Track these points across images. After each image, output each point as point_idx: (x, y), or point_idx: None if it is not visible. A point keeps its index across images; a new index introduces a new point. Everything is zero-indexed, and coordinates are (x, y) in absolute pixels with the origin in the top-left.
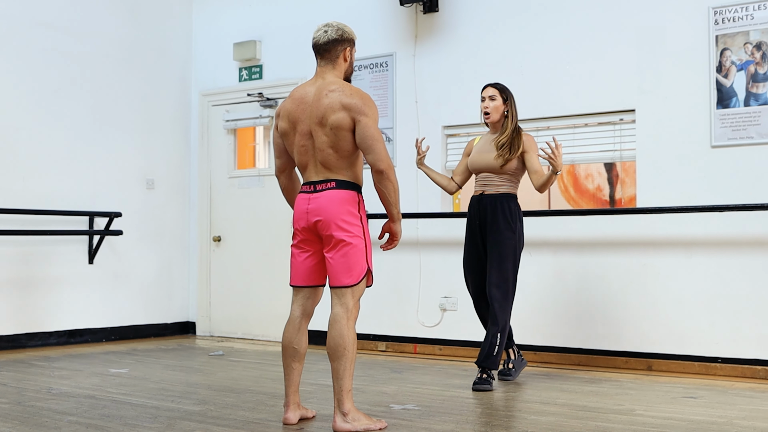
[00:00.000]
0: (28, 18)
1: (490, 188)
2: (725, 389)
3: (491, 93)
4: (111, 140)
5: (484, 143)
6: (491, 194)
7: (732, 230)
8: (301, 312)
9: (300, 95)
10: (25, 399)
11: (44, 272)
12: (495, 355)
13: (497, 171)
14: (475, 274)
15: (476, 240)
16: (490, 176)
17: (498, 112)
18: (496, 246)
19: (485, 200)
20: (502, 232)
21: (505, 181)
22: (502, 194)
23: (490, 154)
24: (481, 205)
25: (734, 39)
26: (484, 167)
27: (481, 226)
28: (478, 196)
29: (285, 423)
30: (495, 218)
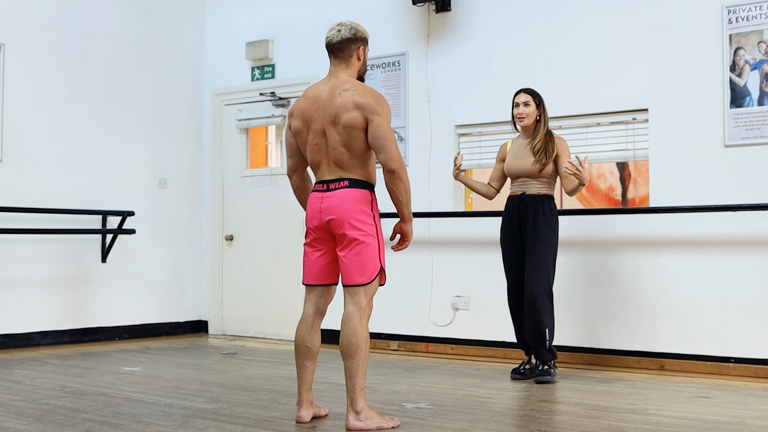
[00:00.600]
0: (41, 19)
1: (530, 189)
2: (738, 389)
3: (525, 99)
4: (124, 140)
5: (517, 148)
6: (532, 194)
7: (745, 230)
8: (313, 311)
9: (313, 94)
10: (39, 397)
11: (57, 271)
12: (548, 349)
13: (535, 176)
14: (514, 269)
15: (515, 238)
16: (528, 180)
17: (531, 118)
18: (537, 244)
19: (526, 200)
20: (543, 231)
21: (543, 184)
22: (542, 195)
23: (527, 160)
24: (522, 204)
25: (748, 38)
26: (522, 173)
27: (522, 224)
28: (518, 195)
29: (298, 421)
30: (536, 218)
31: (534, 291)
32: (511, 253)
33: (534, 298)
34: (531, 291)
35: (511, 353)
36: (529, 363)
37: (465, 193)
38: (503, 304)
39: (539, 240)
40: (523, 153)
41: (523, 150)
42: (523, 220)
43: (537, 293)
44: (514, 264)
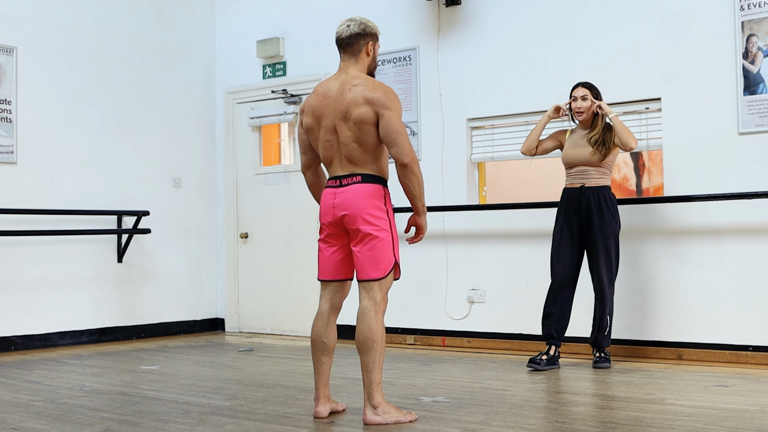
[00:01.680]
0: (53, 21)
1: (589, 181)
2: (757, 377)
3: (583, 93)
4: (137, 140)
5: (576, 138)
6: (592, 187)
7: (761, 217)
8: (329, 306)
9: (324, 90)
10: (58, 397)
11: (74, 271)
12: (607, 335)
13: (595, 165)
14: (566, 261)
15: (573, 230)
16: (588, 170)
17: (590, 111)
18: (603, 236)
19: (588, 192)
20: (608, 223)
21: (601, 174)
22: (602, 186)
23: (586, 150)
24: (583, 197)
25: (760, 24)
26: (581, 162)
27: (584, 217)
28: (578, 188)
29: (316, 416)
30: (600, 210)
31: (603, 282)
32: (566, 244)
33: (603, 289)
34: (600, 282)
35: (527, 345)
36: (547, 354)
37: (479, 186)
38: (519, 296)
39: (606, 233)
40: (581, 143)
41: (581, 140)
42: (586, 213)
43: (606, 284)
44: (567, 255)
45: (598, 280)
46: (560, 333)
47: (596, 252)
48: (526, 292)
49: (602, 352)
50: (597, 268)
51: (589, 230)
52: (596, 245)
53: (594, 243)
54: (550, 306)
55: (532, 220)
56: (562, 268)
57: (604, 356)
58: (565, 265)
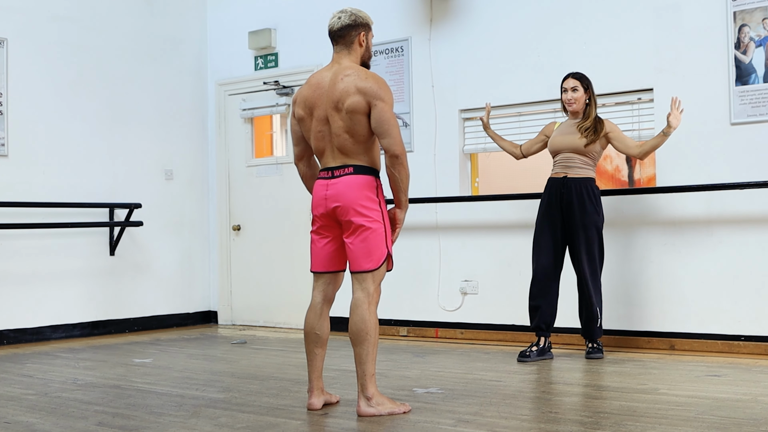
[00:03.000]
0: (44, 12)
1: (572, 171)
2: (749, 367)
3: (573, 84)
4: (129, 132)
5: (565, 127)
6: (575, 177)
7: (753, 207)
8: (322, 298)
9: (316, 81)
10: (52, 390)
11: (66, 264)
12: (598, 327)
13: (580, 151)
14: (547, 252)
15: (554, 221)
16: (572, 158)
17: (581, 102)
18: (584, 229)
19: (570, 183)
20: (590, 215)
21: (585, 164)
22: (585, 178)
23: (574, 136)
24: (565, 188)
25: (752, 15)
26: (566, 148)
27: (565, 208)
28: (561, 178)
29: (309, 408)
30: (582, 201)
31: (585, 275)
32: (548, 236)
33: (587, 282)
34: (583, 275)
35: (520, 336)
36: (537, 345)
37: (471, 178)
38: (511, 288)
39: (587, 225)
40: (570, 130)
41: (570, 128)
42: (567, 205)
43: (588, 277)
44: (549, 247)
45: (579, 273)
46: (549, 324)
47: (577, 245)
48: (518, 283)
49: (594, 342)
50: (578, 261)
51: (570, 222)
52: (577, 238)
53: (575, 235)
54: (537, 299)
55: (524, 211)
56: (545, 260)
57: (597, 347)
58: (548, 257)
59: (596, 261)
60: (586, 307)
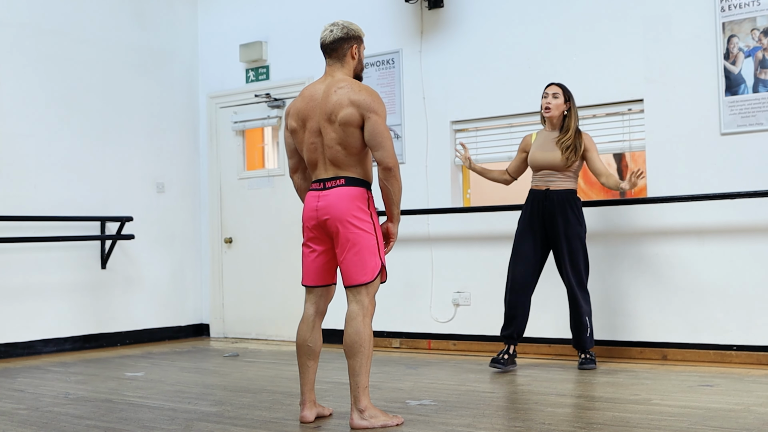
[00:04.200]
0: (35, 25)
1: (554, 183)
2: (741, 377)
3: (554, 91)
4: (120, 145)
5: (543, 141)
6: (557, 190)
7: (744, 217)
8: (314, 310)
9: (309, 93)
10: (43, 405)
11: (57, 278)
12: (589, 336)
13: (561, 169)
14: (526, 262)
15: (535, 232)
16: (554, 173)
17: (558, 110)
18: (568, 240)
19: (552, 195)
20: (573, 227)
21: (567, 178)
22: (567, 190)
23: (554, 153)
24: (548, 200)
25: (741, 25)
26: (548, 165)
27: (547, 220)
28: (543, 191)
29: (302, 421)
30: (565, 214)
31: (573, 286)
32: (529, 246)
33: (575, 293)
34: (570, 286)
35: None
36: (508, 353)
37: (463, 189)
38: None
39: (570, 236)
40: (549, 146)
41: (549, 143)
42: (549, 217)
43: (576, 287)
44: (529, 257)
45: (568, 284)
46: (521, 333)
47: (563, 256)
48: None
49: (587, 353)
50: (566, 273)
51: (553, 234)
52: (562, 249)
53: (559, 247)
54: (514, 308)
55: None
56: (523, 269)
57: (589, 357)
58: (527, 267)
59: (582, 272)
60: (575, 317)
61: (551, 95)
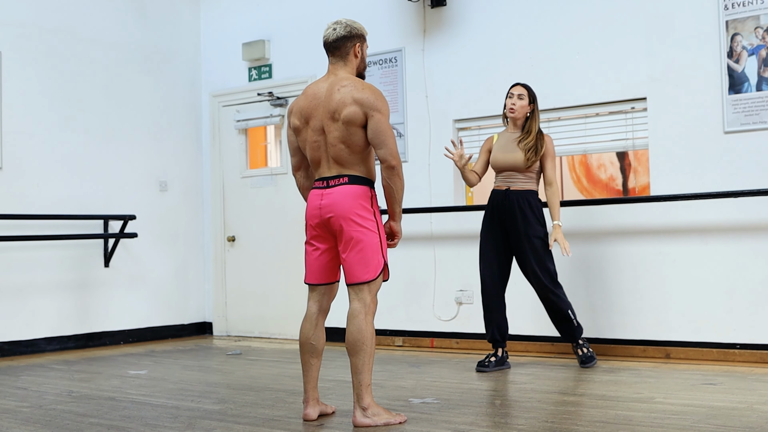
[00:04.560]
0: (39, 24)
1: (515, 184)
2: (744, 375)
3: (520, 92)
4: (123, 144)
5: (505, 142)
6: (518, 190)
7: (747, 216)
8: (317, 308)
9: (312, 92)
10: (46, 402)
11: (61, 276)
12: (577, 326)
13: (522, 170)
14: (493, 266)
15: (497, 233)
16: (515, 174)
17: (523, 111)
18: (529, 240)
19: (512, 196)
20: (534, 226)
21: (529, 178)
22: (528, 191)
23: (516, 155)
24: (508, 200)
25: (744, 24)
26: (510, 167)
27: (507, 220)
28: (503, 191)
29: (305, 419)
30: (524, 213)
31: (544, 284)
32: (491, 248)
33: (548, 290)
34: (540, 285)
35: (515, 345)
36: (495, 356)
37: (465, 187)
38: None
39: (532, 235)
40: (511, 147)
41: (511, 144)
42: (510, 216)
43: (548, 285)
44: (494, 259)
45: (537, 284)
46: (504, 335)
47: (527, 257)
48: (513, 292)
49: (582, 347)
50: (533, 273)
51: (515, 234)
52: (525, 250)
53: (522, 248)
54: (489, 312)
55: None
56: (491, 272)
57: (588, 353)
58: (492, 269)
59: (550, 269)
60: (554, 313)
61: (517, 96)
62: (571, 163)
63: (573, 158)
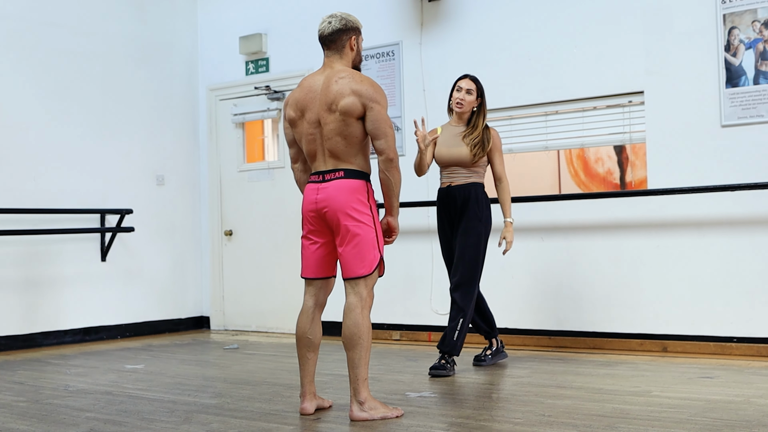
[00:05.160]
0: (35, 18)
1: (458, 179)
2: (741, 368)
3: (469, 86)
4: (120, 138)
5: (449, 136)
6: (459, 185)
7: (744, 209)
8: (313, 303)
9: (308, 84)
10: (43, 397)
11: (57, 271)
12: (455, 341)
13: (467, 165)
14: (448, 264)
15: (446, 230)
16: (458, 170)
17: (470, 106)
18: (464, 235)
19: (453, 191)
20: (470, 221)
21: (472, 173)
22: (471, 184)
23: (461, 149)
24: (450, 196)
25: (742, 17)
26: (455, 162)
27: (451, 216)
28: (446, 188)
29: (302, 413)
30: (464, 208)
31: (456, 283)
32: (448, 250)
33: (452, 290)
34: (455, 282)
35: (513, 339)
36: (490, 348)
37: None
38: (504, 291)
39: (466, 231)
40: (455, 141)
41: (455, 138)
42: (454, 212)
43: (461, 284)
44: (450, 257)
45: (455, 282)
46: (491, 326)
47: (458, 249)
48: (510, 286)
49: (445, 358)
50: (457, 268)
51: (453, 229)
52: (459, 244)
53: (456, 242)
54: None
55: (516, 215)
56: (449, 270)
57: (446, 362)
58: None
59: (473, 270)
60: (452, 311)
61: (465, 90)
62: (569, 157)
63: (570, 152)
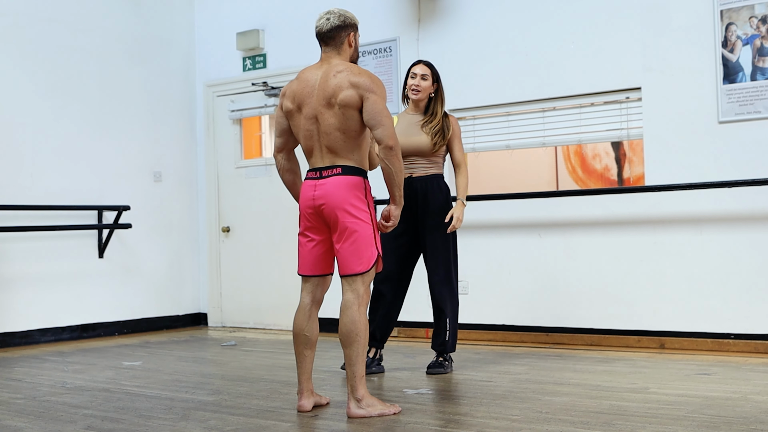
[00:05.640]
0: (31, 14)
1: (418, 170)
2: (739, 365)
3: (423, 72)
4: (117, 134)
5: (407, 125)
6: (421, 176)
7: (742, 206)
8: (310, 300)
9: (306, 77)
10: (40, 394)
11: (55, 267)
12: (448, 339)
13: (427, 155)
14: (395, 255)
15: (403, 222)
16: (418, 160)
17: (426, 93)
18: (431, 233)
19: (416, 183)
20: (435, 217)
21: (433, 163)
22: (432, 175)
23: (420, 138)
24: (411, 188)
25: (739, 13)
26: (414, 151)
27: (412, 208)
28: (407, 179)
29: (299, 410)
30: (425, 202)
31: (436, 280)
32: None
33: (438, 289)
34: (432, 281)
35: (510, 336)
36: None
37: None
38: (501, 288)
39: (434, 229)
40: (413, 130)
41: (413, 127)
42: (413, 205)
43: (442, 282)
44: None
45: (431, 280)
46: (385, 337)
47: (425, 248)
48: (508, 283)
49: (442, 356)
50: (431, 267)
51: (413, 223)
52: (425, 241)
53: (423, 239)
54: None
55: (513, 211)
56: (393, 263)
57: (442, 360)
58: (396, 260)
59: (451, 265)
60: (436, 311)
61: (420, 76)
62: (566, 153)
63: (568, 148)
